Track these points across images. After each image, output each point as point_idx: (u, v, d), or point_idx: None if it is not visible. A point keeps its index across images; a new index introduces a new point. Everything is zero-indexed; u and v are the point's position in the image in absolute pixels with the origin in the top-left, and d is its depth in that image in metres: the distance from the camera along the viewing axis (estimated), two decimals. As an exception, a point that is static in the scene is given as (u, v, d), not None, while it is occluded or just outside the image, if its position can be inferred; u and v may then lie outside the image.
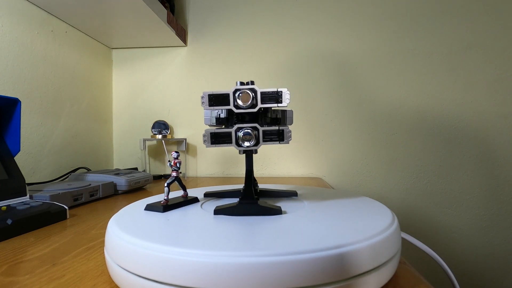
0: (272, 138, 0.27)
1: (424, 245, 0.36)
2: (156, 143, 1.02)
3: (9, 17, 0.65)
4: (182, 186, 0.35)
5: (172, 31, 0.89)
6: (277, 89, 0.27)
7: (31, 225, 0.37)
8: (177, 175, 0.33)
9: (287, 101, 0.27)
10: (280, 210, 0.28)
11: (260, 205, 0.28)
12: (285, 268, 0.18)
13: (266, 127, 0.28)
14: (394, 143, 0.95)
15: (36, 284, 0.23)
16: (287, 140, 0.27)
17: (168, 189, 0.31)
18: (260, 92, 0.27)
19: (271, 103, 0.27)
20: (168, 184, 0.32)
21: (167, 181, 0.32)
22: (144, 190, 0.68)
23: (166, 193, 0.31)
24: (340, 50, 0.96)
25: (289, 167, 0.98)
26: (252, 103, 0.27)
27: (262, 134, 0.27)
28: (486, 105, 0.92)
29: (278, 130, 0.27)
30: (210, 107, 0.28)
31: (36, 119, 0.72)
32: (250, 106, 0.27)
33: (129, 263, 0.21)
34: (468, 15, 0.93)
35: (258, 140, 0.28)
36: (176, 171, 0.33)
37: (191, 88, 1.01)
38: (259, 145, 0.28)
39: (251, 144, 0.27)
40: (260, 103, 0.27)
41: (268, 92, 0.27)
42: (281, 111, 0.31)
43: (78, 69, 0.87)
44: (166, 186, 0.31)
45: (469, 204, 0.93)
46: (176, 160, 0.33)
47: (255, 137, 0.27)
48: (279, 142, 0.27)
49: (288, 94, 0.27)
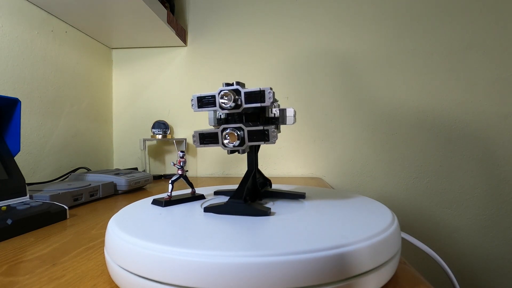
0: (258, 138, 0.27)
1: (424, 245, 0.36)
2: (156, 143, 1.02)
3: (9, 17, 0.65)
4: (189, 184, 0.36)
5: (172, 31, 0.89)
6: (260, 89, 0.27)
7: (31, 225, 0.37)
8: (182, 173, 0.35)
9: (269, 100, 0.26)
10: (266, 212, 0.27)
11: (247, 205, 0.27)
12: (285, 268, 0.18)
13: (251, 127, 0.27)
14: (394, 143, 0.95)
15: (36, 284, 0.23)
16: (273, 140, 0.27)
17: (172, 186, 0.33)
18: (243, 93, 0.27)
19: (255, 102, 0.27)
20: (172, 181, 0.34)
21: (172, 179, 0.34)
22: (144, 190, 0.68)
23: (170, 190, 0.33)
24: (340, 50, 0.96)
25: (289, 167, 0.98)
26: (236, 103, 0.27)
27: (248, 134, 0.27)
28: (486, 105, 0.92)
29: (263, 130, 0.27)
30: (199, 108, 0.29)
31: (36, 119, 0.72)
32: (235, 107, 0.27)
33: (129, 263, 0.21)
34: (468, 15, 0.93)
35: (243, 140, 0.27)
36: (181, 169, 0.35)
37: (191, 88, 1.01)
38: (244, 145, 0.27)
39: (235, 144, 0.27)
40: (245, 103, 0.27)
41: (251, 92, 0.27)
42: (279, 110, 0.30)
43: (78, 69, 0.87)
44: (170, 183, 0.33)
45: (469, 204, 0.93)
46: (181, 159, 0.35)
47: (238, 137, 0.27)
48: (264, 142, 0.27)
49: (271, 93, 0.26)
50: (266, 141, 0.27)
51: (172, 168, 1.02)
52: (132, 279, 0.20)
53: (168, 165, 1.02)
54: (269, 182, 0.37)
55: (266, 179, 0.37)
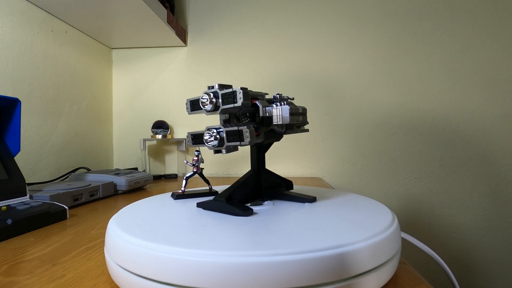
0: (235, 139, 0.27)
1: (424, 245, 0.36)
2: (156, 143, 1.02)
3: (9, 17, 0.65)
4: (205, 180, 0.40)
5: (172, 31, 0.89)
6: (233, 89, 0.27)
7: (31, 225, 0.37)
8: (196, 171, 0.38)
9: (240, 101, 0.27)
10: (244, 213, 0.27)
11: (228, 205, 0.28)
12: (285, 268, 0.18)
13: (230, 127, 0.28)
14: (394, 143, 0.95)
15: (36, 284, 0.23)
16: (246, 140, 0.27)
17: (186, 181, 0.37)
18: (220, 94, 0.28)
19: (228, 104, 0.27)
20: (186, 177, 0.37)
21: (186, 175, 0.38)
22: (144, 190, 0.68)
23: (183, 185, 0.37)
24: (340, 50, 0.96)
25: (289, 167, 0.98)
26: (215, 105, 0.28)
27: (226, 134, 0.28)
28: (486, 105, 0.92)
29: (238, 130, 0.27)
30: (192, 112, 0.30)
31: (36, 119, 0.72)
32: (214, 109, 0.28)
33: (129, 263, 0.21)
34: (468, 15, 0.93)
35: (223, 140, 0.28)
36: (195, 167, 0.38)
37: (191, 88, 1.01)
38: (224, 145, 0.28)
39: (214, 144, 0.28)
40: (222, 105, 0.28)
41: (224, 94, 0.28)
42: (276, 109, 0.30)
43: (78, 69, 0.87)
44: (184, 179, 0.37)
45: (469, 204, 0.93)
46: (195, 158, 0.38)
47: (215, 137, 0.28)
48: (239, 142, 0.27)
49: (241, 93, 0.27)
50: (241, 142, 0.27)
51: (172, 168, 1.02)
52: (132, 279, 0.20)
53: (168, 165, 1.02)
54: (287, 183, 0.36)
55: (281, 180, 0.36)
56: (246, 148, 0.99)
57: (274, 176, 0.35)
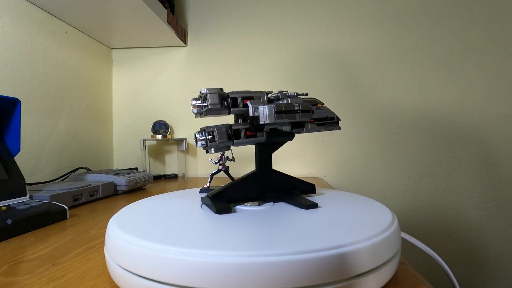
0: (211, 139, 0.29)
1: (424, 245, 0.36)
2: (156, 143, 1.02)
3: (9, 17, 0.65)
4: (230, 177, 0.44)
5: (172, 31, 0.89)
6: (201, 92, 0.29)
7: (31, 225, 0.37)
8: (221, 168, 0.42)
9: (209, 101, 0.29)
10: (216, 211, 0.28)
11: (211, 202, 0.30)
12: (285, 268, 0.18)
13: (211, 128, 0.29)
14: (394, 143, 0.95)
15: (36, 284, 0.23)
16: (217, 140, 0.29)
17: (211, 177, 0.41)
18: (202, 98, 0.30)
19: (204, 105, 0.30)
20: (212, 174, 0.42)
21: (212, 172, 0.42)
22: (144, 190, 0.68)
23: (209, 181, 0.41)
24: (340, 50, 0.96)
25: (289, 167, 0.98)
26: (200, 107, 0.30)
27: (209, 135, 0.29)
28: (486, 105, 0.92)
29: (213, 131, 0.29)
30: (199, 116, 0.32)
31: (36, 119, 0.72)
32: (201, 112, 0.30)
33: (129, 263, 0.21)
34: (468, 15, 0.93)
35: (207, 142, 0.29)
36: (221, 165, 0.42)
37: (191, 88, 1.01)
38: (208, 146, 0.29)
39: (203, 144, 0.29)
40: (203, 109, 0.30)
41: (201, 97, 0.30)
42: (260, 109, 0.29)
43: (78, 69, 0.87)
44: (210, 175, 0.42)
45: (469, 204, 0.93)
46: (218, 156, 0.43)
47: (199, 139, 0.29)
48: (214, 142, 0.29)
49: (210, 95, 0.29)
50: (214, 142, 0.29)
51: (172, 168, 1.02)
52: (132, 279, 0.20)
53: (168, 165, 1.02)
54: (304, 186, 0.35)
55: (296, 182, 0.34)
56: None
57: (284, 177, 0.34)
